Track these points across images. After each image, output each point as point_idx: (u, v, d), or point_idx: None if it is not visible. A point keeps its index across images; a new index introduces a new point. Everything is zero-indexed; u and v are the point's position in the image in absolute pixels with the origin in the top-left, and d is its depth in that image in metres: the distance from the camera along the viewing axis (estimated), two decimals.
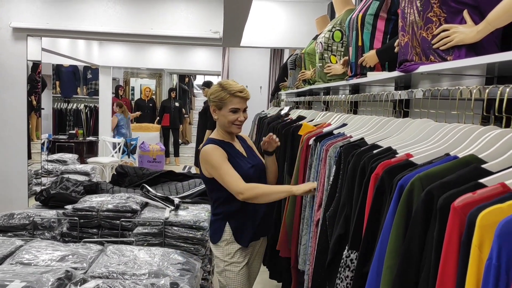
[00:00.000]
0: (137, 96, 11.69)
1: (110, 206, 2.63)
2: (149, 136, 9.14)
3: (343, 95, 2.76)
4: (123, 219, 2.59)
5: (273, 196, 2.10)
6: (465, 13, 1.44)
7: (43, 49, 5.00)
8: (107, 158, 7.25)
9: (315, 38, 3.54)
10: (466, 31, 1.41)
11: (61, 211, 2.77)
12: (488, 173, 0.98)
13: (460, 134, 1.23)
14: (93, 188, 3.19)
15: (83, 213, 2.62)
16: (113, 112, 8.23)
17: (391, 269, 1.07)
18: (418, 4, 1.54)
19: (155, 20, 4.37)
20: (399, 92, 1.79)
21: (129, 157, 7.97)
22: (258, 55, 8.10)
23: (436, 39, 1.49)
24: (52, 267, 1.88)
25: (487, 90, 1.16)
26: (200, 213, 2.78)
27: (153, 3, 4.40)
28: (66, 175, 4.29)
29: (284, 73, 4.58)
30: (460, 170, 1.02)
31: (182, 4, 4.40)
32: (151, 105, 10.48)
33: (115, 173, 3.48)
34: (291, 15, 4.48)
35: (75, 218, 2.61)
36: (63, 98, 9.36)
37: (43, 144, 6.26)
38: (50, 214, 2.77)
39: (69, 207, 2.70)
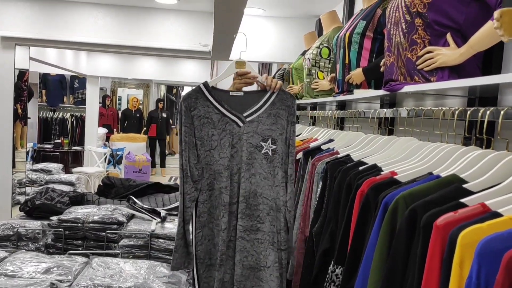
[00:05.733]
0: (124, 106, 11.66)
1: (96, 218, 2.62)
2: (135, 146, 9.09)
3: (330, 111, 2.80)
4: (108, 231, 2.58)
5: None
6: (448, 36, 1.49)
7: (31, 58, 4.97)
8: (93, 168, 7.19)
9: (303, 53, 3.60)
10: (449, 54, 1.47)
11: (46, 222, 2.74)
12: (469, 193, 1.02)
13: (442, 153, 1.27)
14: (79, 199, 3.16)
15: (68, 224, 2.60)
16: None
17: (376, 285, 1.10)
18: (404, 27, 1.59)
19: (144, 31, 4.39)
20: (385, 110, 1.84)
21: (114, 167, 7.91)
22: (247, 68, 8.14)
23: (420, 60, 1.54)
24: (37, 279, 1.87)
25: (468, 112, 1.21)
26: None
27: (143, 15, 4.42)
28: (51, 185, 4.25)
29: None
30: (443, 190, 1.06)
31: (172, 17, 4.44)
32: (138, 115, 10.45)
33: (102, 184, 3.46)
34: (280, 31, 4.54)
35: (60, 229, 2.58)
36: (49, 106, 9.30)
37: (27, 153, 6.20)
38: (35, 225, 2.74)
39: (54, 218, 2.68)
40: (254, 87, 1.89)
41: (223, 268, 1.75)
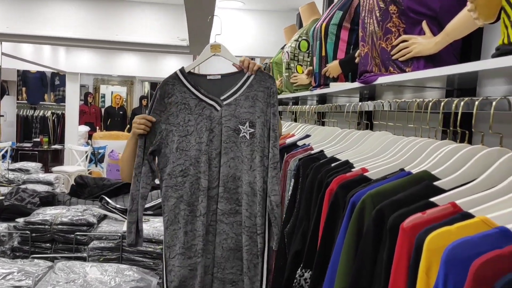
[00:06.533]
0: (108, 103, 11.45)
1: (64, 219, 2.51)
2: (118, 144, 8.91)
3: (308, 106, 2.72)
4: (77, 233, 2.46)
5: (124, 156, 1.75)
6: (424, 24, 1.41)
7: (3, 54, 4.81)
8: (73, 167, 7.03)
9: (284, 47, 3.50)
10: (424, 42, 1.38)
11: (12, 224, 2.63)
12: (440, 191, 0.94)
13: (416, 148, 1.19)
14: (50, 200, 3.04)
15: (35, 226, 2.48)
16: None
17: None
18: (378, 14, 1.50)
19: (120, 26, 4.25)
20: (359, 103, 1.75)
21: (96, 166, 7.75)
22: (229, 64, 8.04)
23: (395, 50, 1.46)
24: None
25: (442, 104, 1.12)
26: (161, 226, 2.67)
27: (119, 9, 4.28)
28: (24, 186, 4.10)
29: None
30: (413, 188, 0.97)
31: (148, 11, 4.31)
32: (121, 112, 10.26)
33: (74, 184, 3.34)
34: (260, 24, 4.43)
35: (27, 232, 2.47)
36: (29, 104, 9.09)
37: (6, 151, 6.03)
38: (2, 227, 2.63)
39: (20, 220, 2.56)
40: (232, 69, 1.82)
41: (205, 253, 1.71)
